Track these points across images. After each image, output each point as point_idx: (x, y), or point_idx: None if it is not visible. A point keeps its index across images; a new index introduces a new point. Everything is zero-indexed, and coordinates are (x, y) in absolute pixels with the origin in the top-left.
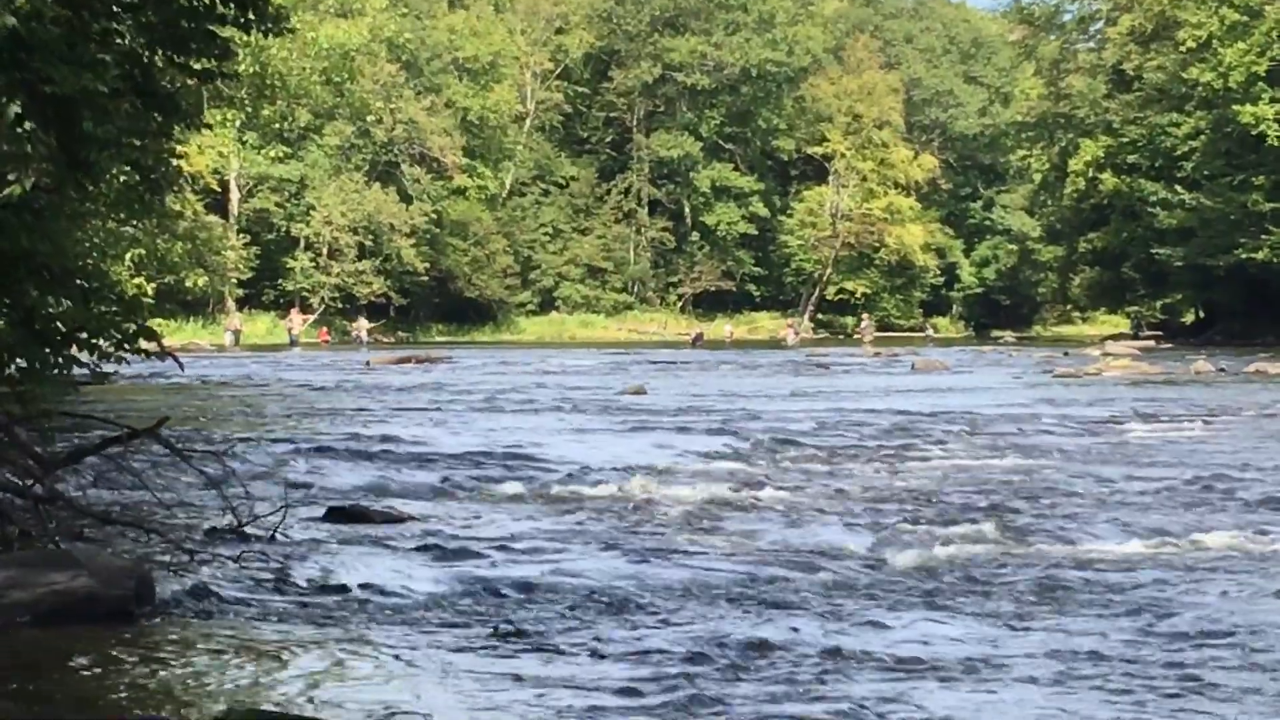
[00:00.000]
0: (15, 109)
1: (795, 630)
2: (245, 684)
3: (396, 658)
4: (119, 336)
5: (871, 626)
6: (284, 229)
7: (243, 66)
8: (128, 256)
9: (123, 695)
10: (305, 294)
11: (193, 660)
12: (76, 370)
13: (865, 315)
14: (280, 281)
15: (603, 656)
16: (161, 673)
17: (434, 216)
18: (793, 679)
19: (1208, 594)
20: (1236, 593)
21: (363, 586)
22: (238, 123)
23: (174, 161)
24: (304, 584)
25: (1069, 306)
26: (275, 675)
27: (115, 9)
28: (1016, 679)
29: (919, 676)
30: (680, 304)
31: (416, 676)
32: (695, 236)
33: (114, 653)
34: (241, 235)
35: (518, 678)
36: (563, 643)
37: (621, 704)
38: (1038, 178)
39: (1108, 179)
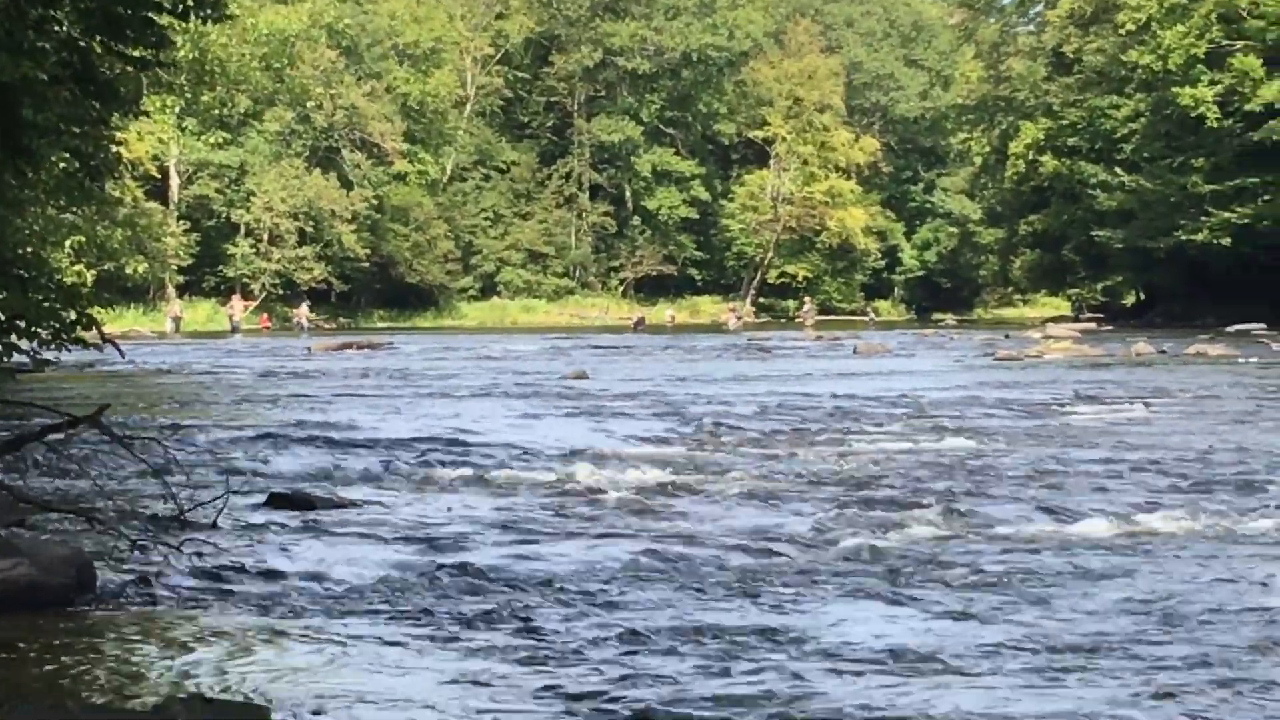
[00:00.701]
0: None
1: (737, 614)
2: (187, 671)
3: (338, 644)
4: (58, 325)
5: (813, 610)
6: (224, 215)
7: (182, 52)
8: (67, 244)
9: (64, 683)
10: (246, 280)
11: (134, 648)
12: (16, 358)
13: (807, 299)
14: (221, 268)
15: (543, 641)
16: (103, 661)
17: (375, 202)
18: (732, 663)
19: (1150, 575)
20: (1179, 573)
21: (305, 573)
22: (177, 109)
23: (113, 148)
24: (246, 571)
25: (1010, 289)
26: (217, 663)
27: None
28: (959, 664)
29: (861, 661)
30: (622, 288)
31: (358, 663)
32: (636, 221)
33: (55, 641)
34: (182, 222)
35: (459, 663)
36: (504, 628)
37: (560, 688)
38: (978, 160)
39: (1048, 161)
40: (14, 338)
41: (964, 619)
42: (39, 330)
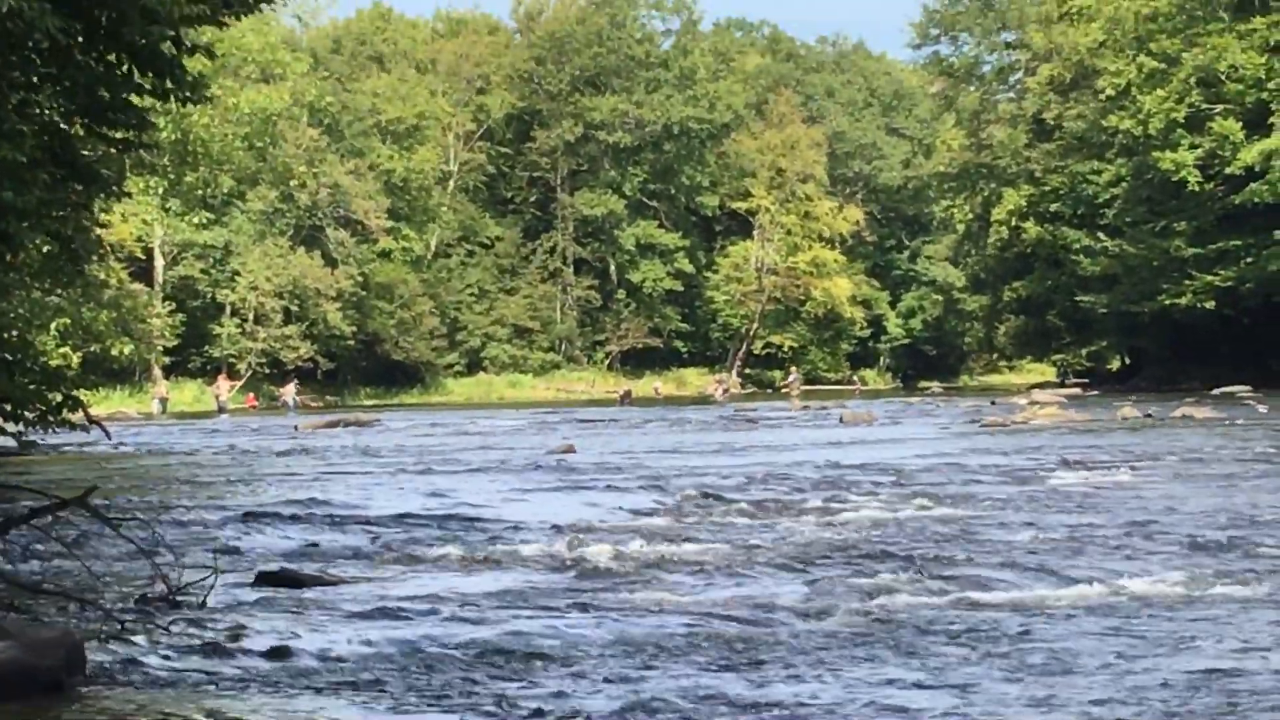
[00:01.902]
0: None
1: (728, 685)
2: None
3: None
4: (44, 407)
5: (803, 680)
6: (209, 295)
7: (164, 133)
8: (53, 326)
9: None
10: (232, 360)
11: None
12: (2, 441)
13: (793, 369)
14: (207, 348)
15: (533, 716)
16: None
17: (360, 279)
18: None
19: (1135, 641)
20: (1164, 638)
21: (295, 652)
22: (160, 190)
23: (96, 230)
24: (235, 651)
25: (995, 355)
26: None
27: (34, 79)
28: None
29: None
30: (608, 362)
31: None
32: (621, 294)
33: None
34: (167, 302)
35: None
36: (496, 703)
37: None
38: (961, 228)
39: (1031, 228)
40: (0, 420)
41: (952, 687)
42: (25, 412)
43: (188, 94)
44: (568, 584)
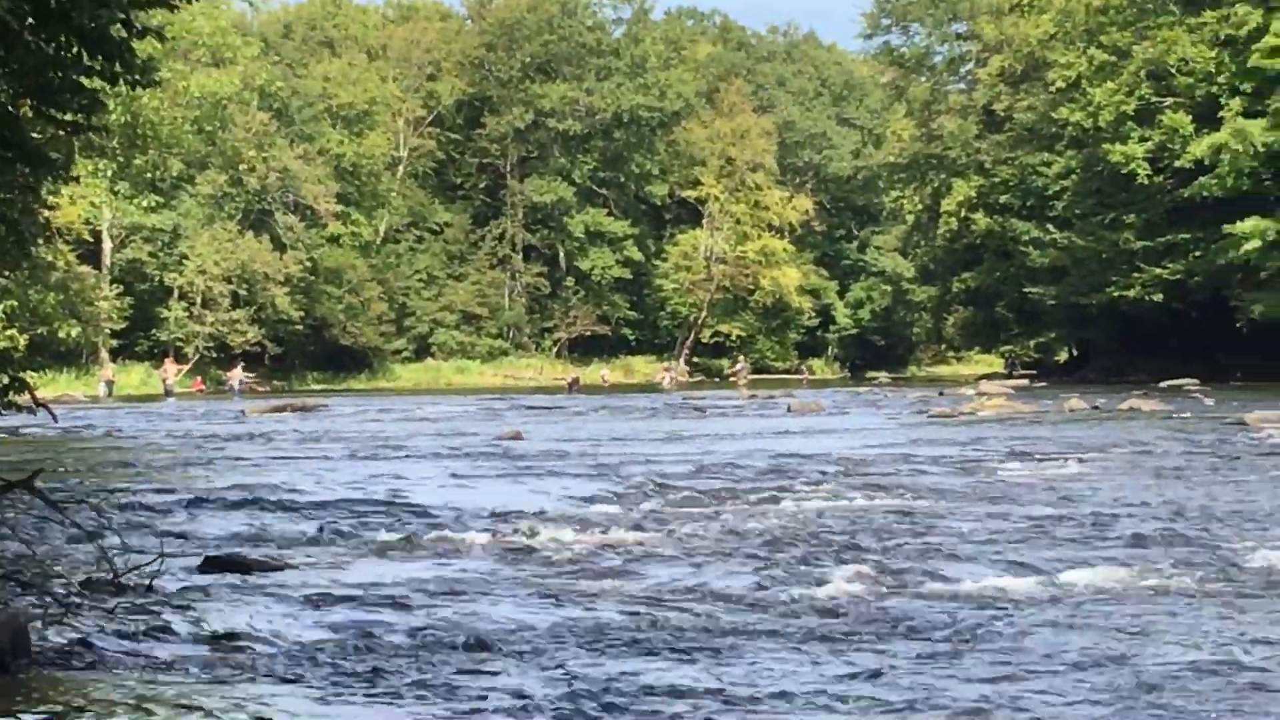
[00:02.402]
0: None
1: (675, 672)
2: None
3: (274, 708)
4: None
5: (750, 669)
6: (157, 279)
7: (114, 116)
8: (0, 308)
9: None
10: (180, 344)
11: (68, 713)
12: None
13: (740, 358)
14: (154, 331)
15: (480, 704)
16: None
17: (308, 264)
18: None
19: (1078, 630)
20: (1107, 628)
21: (239, 636)
22: (109, 172)
23: (44, 213)
24: (181, 634)
25: (943, 346)
26: None
27: None
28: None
29: (804, 715)
30: (556, 349)
31: None
32: (570, 281)
33: None
34: (115, 285)
35: None
36: (442, 690)
37: None
38: (911, 218)
39: (980, 219)
40: None
41: (894, 672)
42: None
43: (137, 77)
44: (515, 571)
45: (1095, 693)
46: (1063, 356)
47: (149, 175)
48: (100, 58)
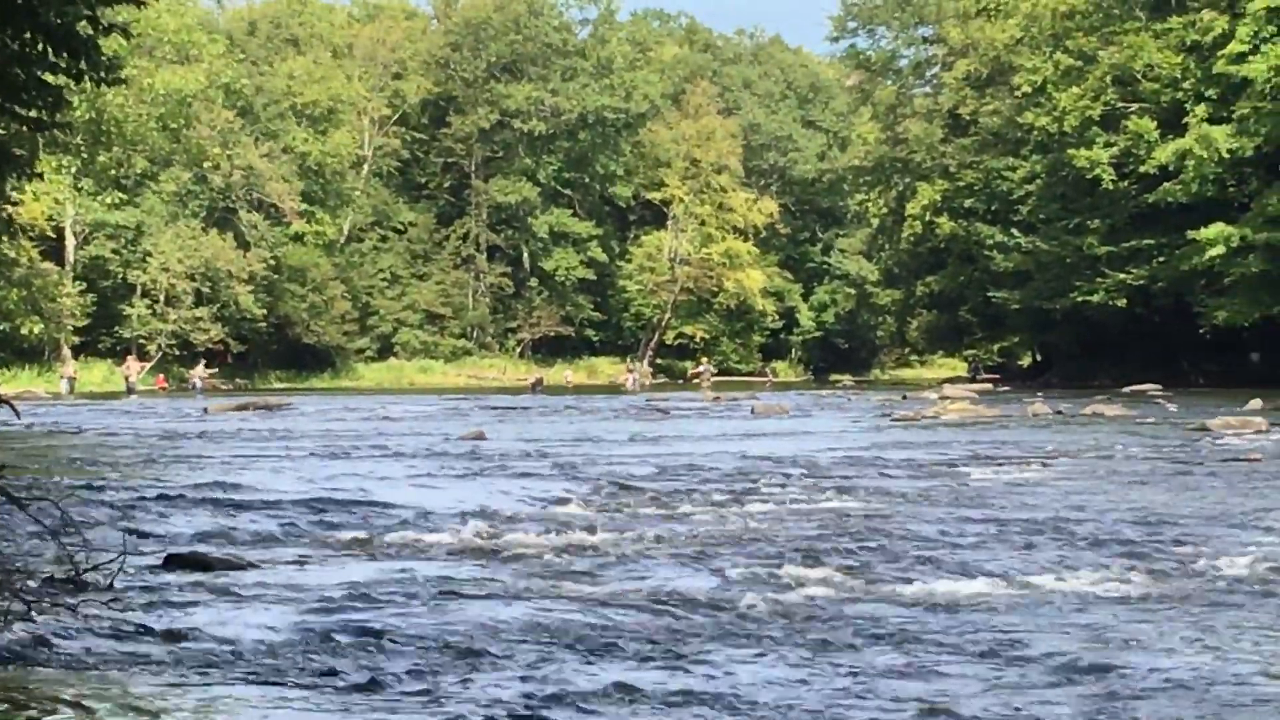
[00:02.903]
0: None
1: (638, 673)
2: None
3: (235, 706)
4: None
5: (713, 671)
6: (120, 276)
7: (78, 113)
8: None
9: None
10: (142, 341)
11: (27, 711)
12: None
13: (704, 359)
14: (117, 329)
15: (440, 705)
16: None
17: (272, 263)
18: None
19: (1038, 635)
20: (1071, 631)
21: (202, 635)
22: (73, 169)
23: (7, 209)
24: (142, 633)
25: (907, 350)
26: None
27: None
28: None
29: (764, 717)
30: (519, 349)
31: None
32: (534, 282)
33: None
34: (78, 282)
35: None
36: (400, 690)
37: None
38: (875, 222)
39: (944, 223)
40: None
41: (856, 675)
42: None
43: (103, 74)
44: (478, 572)
45: (1061, 696)
46: (1026, 361)
47: (113, 172)
48: (66, 54)
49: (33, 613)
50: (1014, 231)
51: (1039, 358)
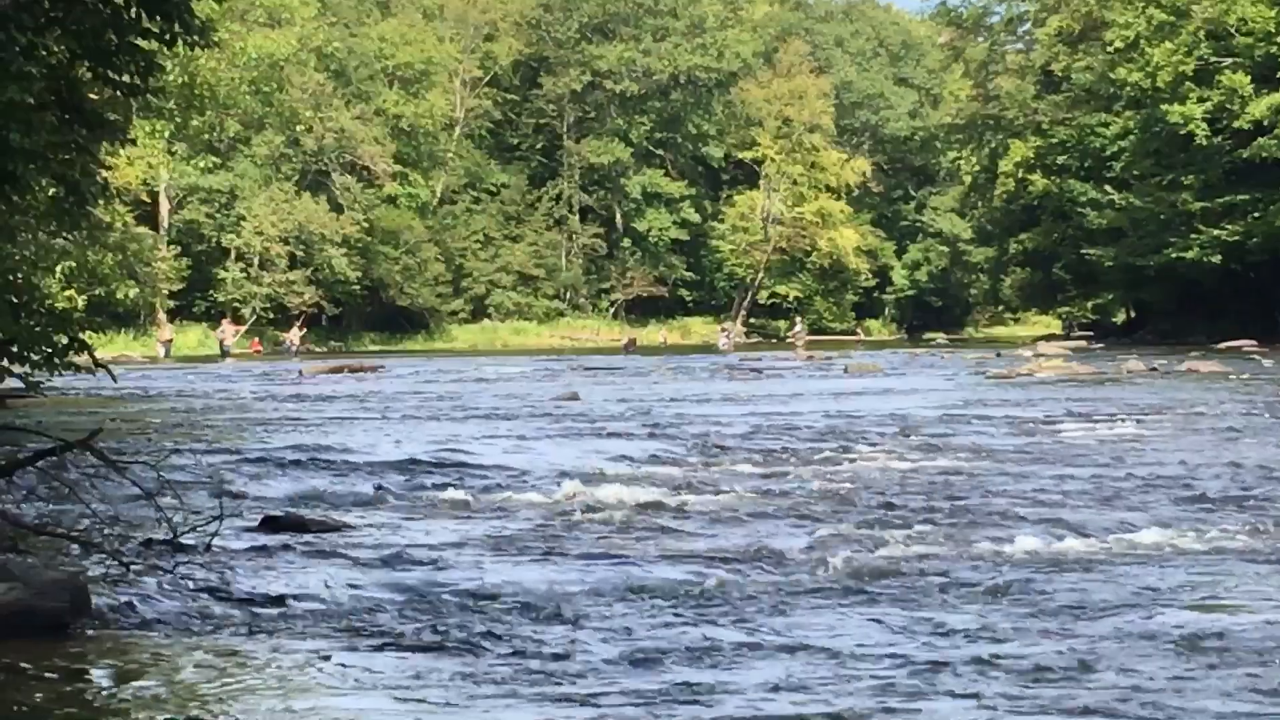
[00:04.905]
0: None
1: (728, 634)
2: (181, 696)
3: (332, 667)
4: (50, 349)
5: (804, 630)
6: (214, 240)
7: (171, 77)
8: (58, 269)
9: (56, 708)
10: (237, 305)
11: (127, 672)
12: (8, 383)
13: (798, 319)
14: (211, 292)
15: (540, 664)
16: (95, 685)
17: (365, 225)
18: (736, 680)
19: (1141, 593)
20: (1168, 589)
21: (298, 596)
22: (166, 134)
23: (101, 174)
24: (239, 594)
25: (1000, 308)
26: (210, 687)
27: (41, 21)
28: (948, 679)
29: (854, 676)
30: (613, 310)
31: (352, 686)
32: (627, 243)
33: (48, 665)
34: (172, 246)
35: (453, 687)
36: (500, 650)
37: (558, 713)
38: (968, 179)
39: (1037, 180)
40: (6, 362)
41: (953, 634)
42: (31, 355)
43: (195, 38)
44: (569, 532)
45: (1161, 655)
46: (1120, 318)
47: (206, 136)
48: (158, 18)
49: (130, 574)
50: (1107, 188)
51: (1133, 315)
